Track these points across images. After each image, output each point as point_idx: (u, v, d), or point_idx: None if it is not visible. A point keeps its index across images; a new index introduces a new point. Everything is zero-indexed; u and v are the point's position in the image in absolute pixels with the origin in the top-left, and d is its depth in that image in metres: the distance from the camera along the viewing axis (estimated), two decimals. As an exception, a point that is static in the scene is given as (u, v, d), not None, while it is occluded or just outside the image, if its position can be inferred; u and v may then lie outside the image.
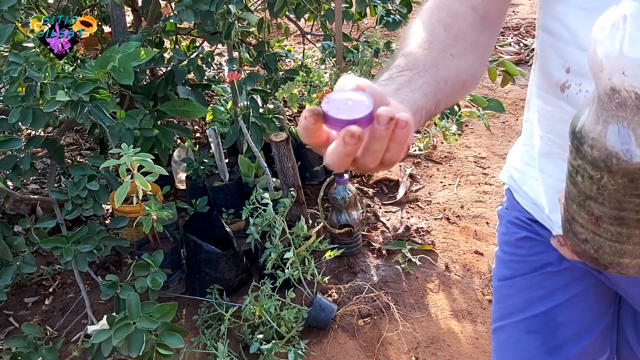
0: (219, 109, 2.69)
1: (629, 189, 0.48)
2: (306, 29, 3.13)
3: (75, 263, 1.66)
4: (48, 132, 2.65)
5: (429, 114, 0.61)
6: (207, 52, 2.44)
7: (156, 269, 1.67)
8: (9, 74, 1.61)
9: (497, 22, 0.77)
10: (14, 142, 1.71)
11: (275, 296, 1.84)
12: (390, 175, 2.81)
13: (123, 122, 1.76)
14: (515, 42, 4.36)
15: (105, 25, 2.69)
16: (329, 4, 2.53)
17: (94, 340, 1.39)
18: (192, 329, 1.95)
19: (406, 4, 2.48)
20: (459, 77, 0.68)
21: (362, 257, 2.29)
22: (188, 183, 2.52)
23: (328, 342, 1.91)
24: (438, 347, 1.89)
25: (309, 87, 1.99)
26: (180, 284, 2.12)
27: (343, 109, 0.49)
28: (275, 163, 2.17)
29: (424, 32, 0.69)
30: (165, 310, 1.44)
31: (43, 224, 1.74)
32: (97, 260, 2.22)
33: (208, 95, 3.31)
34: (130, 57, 1.77)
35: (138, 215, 1.78)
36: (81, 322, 2.01)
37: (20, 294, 2.19)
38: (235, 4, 1.91)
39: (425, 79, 0.62)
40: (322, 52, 2.53)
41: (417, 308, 2.05)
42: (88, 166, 1.76)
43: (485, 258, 2.31)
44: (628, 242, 0.52)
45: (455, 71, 0.67)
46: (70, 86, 1.62)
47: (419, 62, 0.64)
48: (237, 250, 2.09)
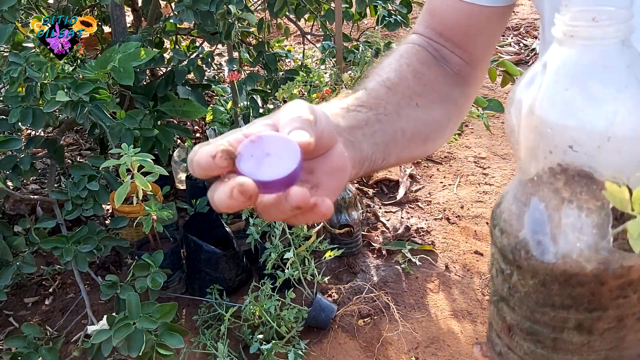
0: (219, 109, 2.69)
1: (541, 295, 0.36)
2: (306, 29, 3.13)
3: (75, 263, 1.66)
4: (48, 132, 2.65)
5: (372, 166, 0.54)
6: (207, 52, 2.44)
7: (156, 269, 1.67)
8: (9, 74, 1.61)
9: (473, 83, 0.70)
10: (14, 142, 1.71)
11: (275, 296, 1.84)
12: (390, 175, 2.81)
13: (123, 122, 1.76)
14: (515, 42, 4.36)
15: (105, 25, 2.69)
16: (329, 4, 2.53)
17: (94, 340, 1.39)
18: (192, 329, 1.95)
19: (406, 4, 2.48)
20: (420, 131, 0.61)
21: (362, 257, 2.29)
22: (188, 183, 2.52)
23: (328, 342, 1.91)
24: (438, 347, 1.89)
25: (309, 87, 1.99)
26: (180, 284, 2.12)
27: (260, 160, 0.41)
28: (275, 163, 2.16)
29: (391, 73, 0.62)
30: (165, 311, 1.43)
31: (43, 224, 1.74)
32: (97, 260, 2.22)
33: (208, 95, 3.31)
34: (130, 57, 1.77)
35: (138, 215, 1.78)
36: (81, 322, 2.01)
37: (20, 294, 2.19)
38: (235, 4, 1.91)
39: (382, 125, 0.56)
40: (322, 52, 2.53)
41: (417, 308, 2.05)
42: (88, 166, 1.76)
43: (485, 258, 2.31)
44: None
45: (417, 124, 0.61)
46: (70, 86, 1.62)
47: (380, 102, 0.58)
48: (237, 251, 2.09)
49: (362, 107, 0.56)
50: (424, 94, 0.62)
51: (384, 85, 0.60)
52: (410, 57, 0.65)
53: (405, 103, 0.60)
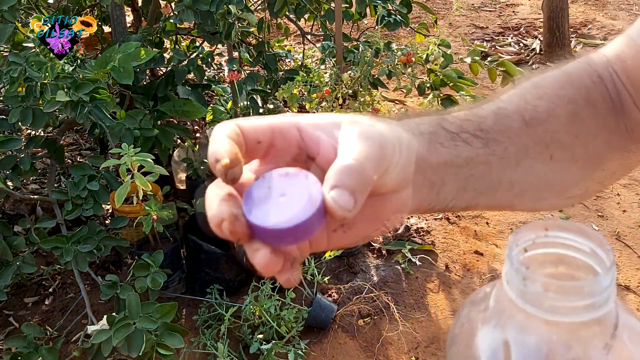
0: (219, 109, 2.69)
1: None
2: (306, 29, 3.13)
3: (75, 263, 1.66)
4: (48, 132, 2.65)
5: (438, 209, 0.43)
6: (207, 52, 2.44)
7: (156, 269, 1.67)
8: (9, 74, 1.61)
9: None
10: (14, 142, 1.71)
11: (275, 296, 1.84)
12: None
13: (123, 122, 1.76)
14: (515, 42, 4.36)
15: (105, 25, 2.69)
16: (329, 4, 2.53)
17: (94, 340, 1.39)
18: (192, 329, 1.95)
19: (406, 4, 2.48)
20: (536, 189, 0.46)
21: (362, 257, 2.29)
22: (188, 183, 2.52)
23: (328, 342, 1.91)
24: (438, 347, 1.89)
25: (309, 87, 1.99)
26: (180, 284, 2.12)
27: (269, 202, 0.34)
28: (275, 163, 2.16)
29: (543, 101, 0.45)
30: (165, 310, 1.44)
31: (43, 224, 1.74)
32: (97, 260, 2.22)
33: (208, 95, 3.31)
34: (130, 57, 1.77)
35: (138, 215, 1.78)
36: (81, 322, 2.01)
37: (20, 294, 2.18)
38: (236, 4, 1.91)
39: (487, 170, 0.42)
40: (322, 52, 2.53)
41: (417, 308, 2.05)
42: (88, 166, 1.76)
43: (485, 258, 2.31)
44: None
45: (537, 181, 0.45)
46: (70, 86, 1.62)
47: (504, 139, 0.43)
48: (237, 251, 2.09)
49: (476, 139, 0.42)
50: (568, 147, 0.46)
51: (523, 116, 0.44)
52: (579, 89, 0.47)
53: (535, 152, 0.44)
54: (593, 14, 4.80)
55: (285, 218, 0.33)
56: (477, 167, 0.42)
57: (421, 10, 3.19)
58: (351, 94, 2.00)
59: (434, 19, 2.75)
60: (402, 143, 0.37)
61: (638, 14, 4.81)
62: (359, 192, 0.33)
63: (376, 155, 0.35)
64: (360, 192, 0.33)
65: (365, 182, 0.34)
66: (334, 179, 0.33)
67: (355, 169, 0.34)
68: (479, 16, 4.94)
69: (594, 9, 4.94)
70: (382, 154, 0.35)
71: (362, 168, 0.34)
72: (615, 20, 4.69)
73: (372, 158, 0.34)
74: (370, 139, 0.35)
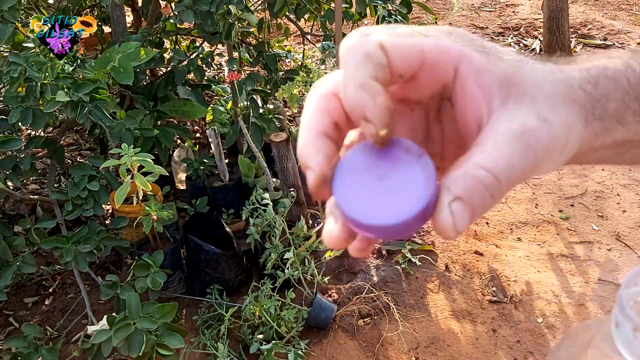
0: (219, 109, 2.69)
1: None
2: (306, 29, 3.13)
3: (76, 263, 1.66)
4: (48, 132, 2.65)
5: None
6: (207, 52, 2.44)
7: (156, 269, 1.67)
8: (9, 74, 1.61)
9: None
10: (14, 143, 1.71)
11: (275, 296, 1.84)
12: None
13: (123, 122, 1.76)
14: (515, 42, 4.36)
15: (105, 25, 2.69)
16: (329, 4, 2.53)
17: (94, 340, 1.39)
18: (192, 329, 1.95)
19: (406, 5, 2.48)
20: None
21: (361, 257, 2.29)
22: (188, 183, 2.52)
23: (328, 342, 1.91)
24: (438, 347, 1.89)
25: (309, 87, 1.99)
26: (180, 284, 2.12)
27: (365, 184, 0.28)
28: (275, 163, 2.17)
29: None
30: (165, 311, 1.44)
31: (43, 224, 1.74)
32: (97, 260, 2.22)
33: (208, 96, 3.31)
34: (130, 57, 1.77)
35: (138, 215, 1.78)
36: (81, 322, 2.01)
37: (20, 294, 2.19)
38: (236, 4, 1.91)
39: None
40: (322, 52, 2.53)
41: (417, 308, 2.05)
42: (88, 166, 1.76)
43: (485, 258, 2.31)
44: None
45: None
46: (70, 86, 1.62)
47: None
48: (237, 251, 2.09)
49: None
50: None
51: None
52: None
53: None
54: (593, 14, 4.80)
55: (378, 213, 0.27)
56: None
57: (421, 11, 3.19)
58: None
59: (434, 19, 2.75)
60: (567, 146, 0.31)
61: (638, 14, 4.81)
62: (479, 214, 0.29)
63: (526, 172, 0.29)
64: (480, 214, 0.29)
65: (491, 205, 0.29)
66: (463, 189, 0.28)
67: (491, 187, 0.28)
68: (478, 16, 4.94)
69: (594, 9, 4.94)
70: (533, 169, 0.29)
71: (498, 190, 0.28)
72: (615, 20, 4.69)
73: (517, 176, 0.29)
74: (529, 148, 0.29)
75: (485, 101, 0.30)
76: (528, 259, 2.32)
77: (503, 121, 0.29)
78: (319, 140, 0.30)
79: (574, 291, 2.14)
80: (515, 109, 0.30)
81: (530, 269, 2.26)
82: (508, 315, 2.03)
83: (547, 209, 2.64)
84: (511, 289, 2.15)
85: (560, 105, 0.30)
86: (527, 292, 2.14)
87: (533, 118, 0.29)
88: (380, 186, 0.28)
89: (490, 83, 0.30)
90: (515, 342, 1.91)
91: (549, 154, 0.30)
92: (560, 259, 2.31)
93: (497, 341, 1.92)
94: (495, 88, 0.30)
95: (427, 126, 0.36)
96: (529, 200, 2.69)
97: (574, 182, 2.83)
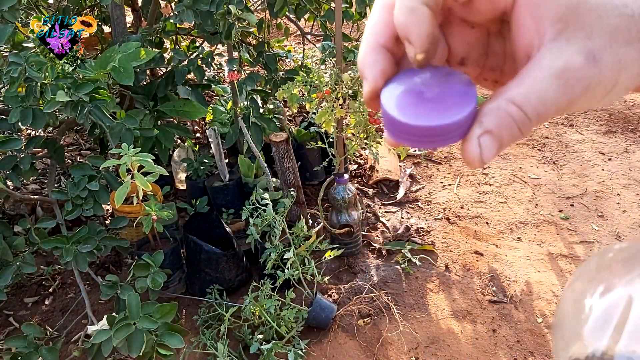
0: (219, 109, 2.69)
1: None
2: (306, 29, 3.13)
3: (76, 263, 1.66)
4: (48, 132, 2.65)
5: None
6: (207, 52, 2.44)
7: (156, 269, 1.67)
8: (9, 74, 1.61)
9: None
10: (14, 142, 1.71)
11: (275, 296, 1.84)
12: (390, 175, 2.81)
13: (123, 122, 1.76)
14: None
15: (105, 25, 2.69)
16: (329, 4, 2.53)
17: (94, 340, 1.39)
18: (192, 329, 1.95)
19: (406, 4, 2.47)
20: None
21: (362, 257, 2.29)
22: (188, 183, 2.52)
23: (328, 342, 1.91)
24: (438, 347, 1.89)
25: (309, 87, 1.99)
26: (180, 284, 2.12)
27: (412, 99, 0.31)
28: (275, 163, 2.17)
29: None
30: (166, 311, 1.44)
31: (43, 224, 1.74)
32: (97, 260, 2.22)
33: (208, 95, 3.31)
34: (130, 57, 1.77)
35: (138, 215, 1.78)
36: (81, 322, 2.01)
37: (20, 294, 2.19)
38: (236, 4, 1.91)
39: None
40: (322, 52, 2.53)
41: (417, 308, 2.05)
42: (88, 166, 1.76)
43: (485, 258, 2.31)
44: None
45: None
46: (70, 86, 1.62)
47: None
48: (237, 251, 2.09)
49: None
50: None
51: None
52: None
53: None
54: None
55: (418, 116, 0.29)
56: None
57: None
58: (351, 94, 2.00)
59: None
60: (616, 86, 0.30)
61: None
62: (506, 146, 0.30)
63: (560, 109, 0.29)
64: (508, 145, 0.30)
65: (520, 138, 0.30)
66: (494, 123, 0.29)
67: (521, 123, 0.29)
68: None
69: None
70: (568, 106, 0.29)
71: (528, 125, 0.29)
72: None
73: (549, 113, 0.29)
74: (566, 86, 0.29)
75: (538, 34, 0.30)
76: (528, 259, 2.32)
77: (548, 57, 0.29)
78: (377, 53, 0.32)
79: (574, 291, 2.14)
80: (565, 44, 0.29)
81: (530, 269, 2.26)
82: (508, 315, 2.03)
83: (547, 209, 2.64)
84: (511, 289, 2.15)
85: (621, 42, 0.29)
86: (527, 292, 2.14)
87: (581, 56, 0.29)
88: (423, 98, 0.30)
89: (545, 16, 0.29)
90: (515, 342, 1.91)
91: (590, 93, 0.29)
92: (561, 259, 2.31)
93: (497, 341, 1.92)
94: (550, 21, 0.29)
95: (487, 41, 0.36)
96: (529, 200, 2.70)
97: (574, 182, 2.83)
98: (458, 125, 0.29)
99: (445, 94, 0.30)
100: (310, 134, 2.63)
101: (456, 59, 0.36)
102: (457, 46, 0.35)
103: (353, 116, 2.01)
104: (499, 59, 0.36)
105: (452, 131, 0.29)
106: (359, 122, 1.98)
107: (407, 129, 0.30)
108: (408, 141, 0.30)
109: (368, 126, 1.98)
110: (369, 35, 0.32)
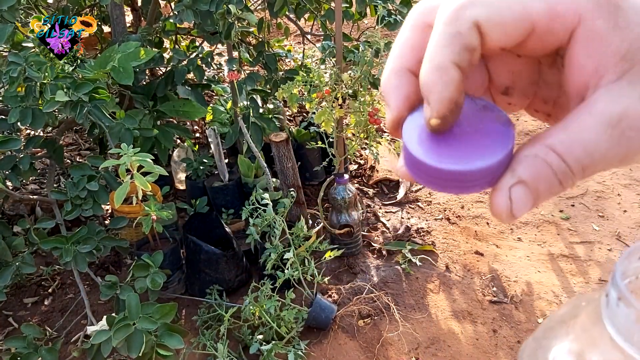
0: (219, 109, 2.69)
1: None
2: (306, 29, 3.13)
3: (75, 263, 1.65)
4: (47, 132, 2.65)
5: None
6: (207, 52, 2.44)
7: (156, 269, 1.66)
8: (8, 74, 1.61)
9: None
10: (13, 142, 1.70)
11: (275, 297, 1.83)
12: (391, 175, 2.81)
13: (123, 122, 1.75)
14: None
15: (105, 25, 2.68)
16: (329, 4, 2.53)
17: (93, 340, 1.39)
18: (192, 330, 1.95)
19: (406, 4, 2.47)
20: None
21: (362, 257, 2.29)
22: (188, 183, 2.52)
23: (328, 343, 1.91)
24: (438, 348, 1.89)
25: (309, 87, 1.98)
26: (179, 285, 2.11)
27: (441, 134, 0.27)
28: (275, 163, 2.16)
29: None
30: (165, 311, 1.43)
31: (42, 224, 1.74)
32: (97, 260, 2.21)
33: (208, 95, 3.31)
34: (130, 57, 1.77)
35: (138, 215, 1.78)
36: (81, 322, 2.01)
37: (20, 294, 2.18)
38: (235, 4, 1.90)
39: None
40: (322, 52, 2.53)
41: (417, 308, 2.05)
42: (87, 166, 1.76)
43: (485, 258, 2.31)
44: None
45: None
46: (70, 86, 1.61)
47: None
48: (236, 251, 2.09)
49: None
50: None
51: None
52: None
53: None
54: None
55: (441, 157, 0.26)
56: None
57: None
58: (351, 94, 1.99)
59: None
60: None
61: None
62: (544, 200, 0.26)
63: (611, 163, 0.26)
64: (545, 200, 0.26)
65: (560, 192, 0.26)
66: (529, 173, 0.26)
67: (565, 176, 0.26)
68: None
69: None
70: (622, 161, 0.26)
71: (570, 179, 0.26)
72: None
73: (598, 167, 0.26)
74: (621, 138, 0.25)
75: (595, 74, 0.26)
76: (528, 259, 2.31)
77: (604, 101, 0.25)
78: (402, 76, 0.29)
79: (575, 291, 2.14)
80: (628, 87, 0.25)
81: (531, 269, 2.26)
82: (508, 316, 2.02)
83: (547, 209, 2.64)
84: (512, 289, 2.14)
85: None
86: (528, 292, 2.14)
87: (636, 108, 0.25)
88: (451, 134, 0.26)
89: (605, 54, 0.26)
90: (516, 343, 1.91)
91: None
92: (561, 259, 2.31)
93: (498, 341, 1.91)
94: (613, 61, 0.25)
95: (538, 70, 0.32)
96: (529, 201, 2.69)
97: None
98: (488, 172, 0.25)
99: (477, 133, 0.26)
100: (310, 134, 2.62)
101: (499, 88, 0.32)
102: (499, 74, 0.31)
103: (353, 116, 2.00)
104: (552, 90, 0.32)
105: (479, 178, 0.25)
106: (359, 122, 1.98)
107: (427, 169, 0.26)
108: (427, 183, 0.27)
109: (368, 126, 1.98)
110: (394, 56, 0.29)
